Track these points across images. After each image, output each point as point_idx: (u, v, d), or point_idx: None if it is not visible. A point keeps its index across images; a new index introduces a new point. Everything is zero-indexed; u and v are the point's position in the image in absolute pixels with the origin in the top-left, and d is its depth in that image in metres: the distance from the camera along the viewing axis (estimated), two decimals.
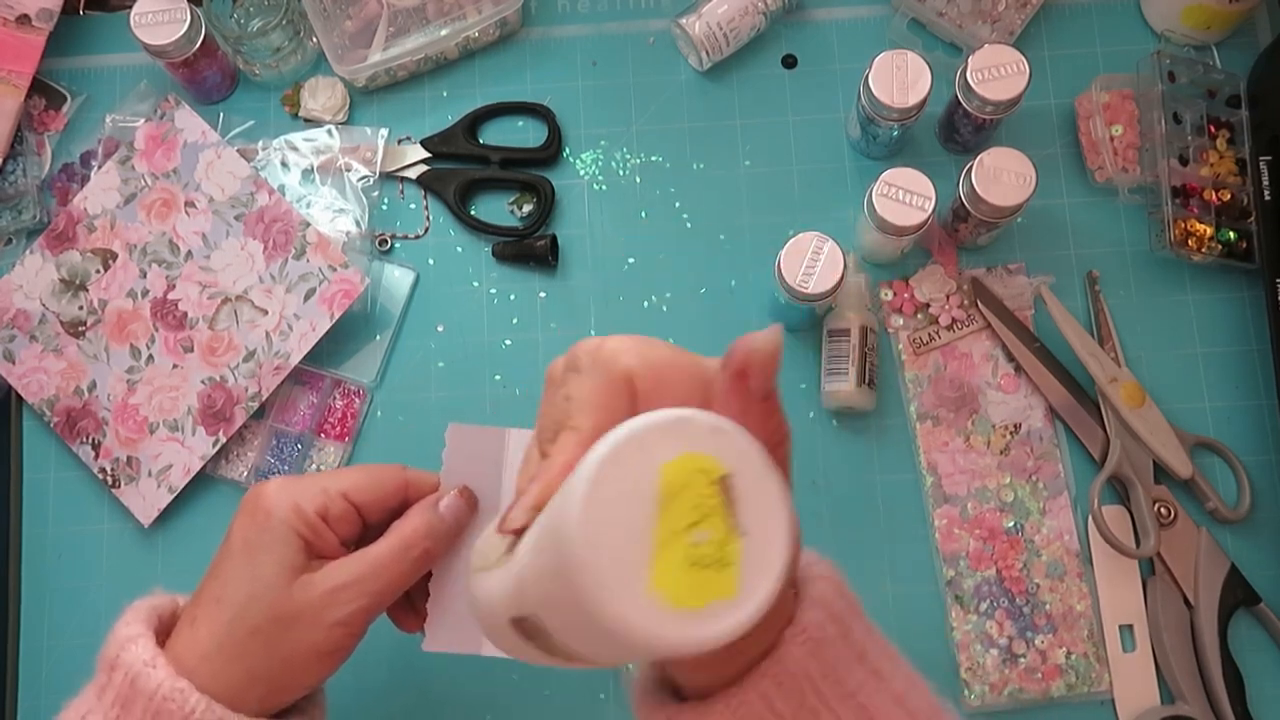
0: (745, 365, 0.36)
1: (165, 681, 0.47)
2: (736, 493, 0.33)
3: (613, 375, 0.37)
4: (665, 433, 0.32)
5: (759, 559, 0.33)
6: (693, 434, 0.33)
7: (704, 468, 0.32)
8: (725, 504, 0.32)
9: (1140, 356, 0.78)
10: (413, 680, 0.73)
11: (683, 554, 0.32)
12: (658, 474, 0.32)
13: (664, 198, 0.81)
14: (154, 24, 0.76)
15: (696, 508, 0.32)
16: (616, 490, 0.31)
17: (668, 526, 0.32)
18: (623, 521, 0.31)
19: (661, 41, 0.84)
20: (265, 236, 0.77)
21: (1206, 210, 0.77)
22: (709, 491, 0.32)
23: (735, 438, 0.33)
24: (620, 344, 0.38)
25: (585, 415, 0.37)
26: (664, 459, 0.32)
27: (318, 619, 0.49)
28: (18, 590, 0.76)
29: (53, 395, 0.77)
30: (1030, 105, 0.79)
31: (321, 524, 0.50)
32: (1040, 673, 0.72)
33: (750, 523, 0.33)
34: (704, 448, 0.33)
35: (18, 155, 0.81)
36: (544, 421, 0.40)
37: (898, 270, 0.79)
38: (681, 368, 0.38)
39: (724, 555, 0.32)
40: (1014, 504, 0.75)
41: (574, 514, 0.31)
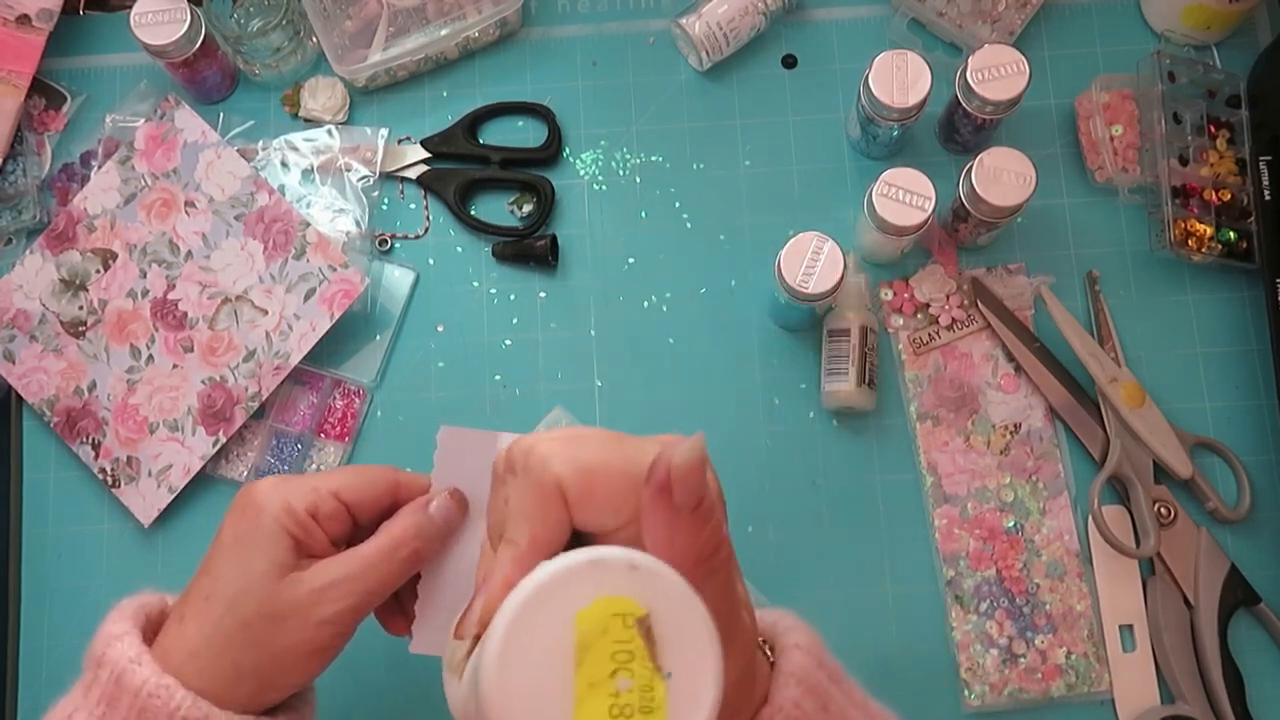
0: (666, 480, 0.35)
1: (150, 678, 0.47)
2: (658, 632, 0.31)
3: (543, 484, 0.37)
4: (577, 577, 0.32)
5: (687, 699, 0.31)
6: (607, 575, 0.32)
7: (622, 610, 0.31)
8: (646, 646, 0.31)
9: (1140, 356, 0.78)
10: (412, 680, 0.73)
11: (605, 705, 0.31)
12: (572, 623, 0.31)
13: (664, 198, 0.81)
14: (154, 24, 0.76)
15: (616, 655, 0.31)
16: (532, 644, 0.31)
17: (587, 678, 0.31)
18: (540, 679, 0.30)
19: (661, 41, 0.84)
20: (265, 236, 0.77)
21: (1206, 210, 0.77)
22: (627, 635, 0.31)
23: (653, 573, 0.32)
24: (550, 449, 0.38)
25: (519, 528, 0.37)
26: (578, 606, 0.31)
27: (306, 616, 0.49)
28: (18, 590, 0.76)
29: (53, 395, 0.77)
30: (1030, 105, 0.79)
31: (312, 522, 0.51)
32: (1040, 673, 0.72)
33: (674, 662, 0.31)
34: (619, 589, 0.32)
35: (18, 155, 0.81)
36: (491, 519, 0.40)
37: (898, 270, 0.79)
38: (613, 469, 0.38)
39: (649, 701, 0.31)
40: (1014, 504, 0.75)
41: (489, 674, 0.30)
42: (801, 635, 0.42)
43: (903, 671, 0.73)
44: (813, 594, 0.74)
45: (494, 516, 0.40)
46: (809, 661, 0.40)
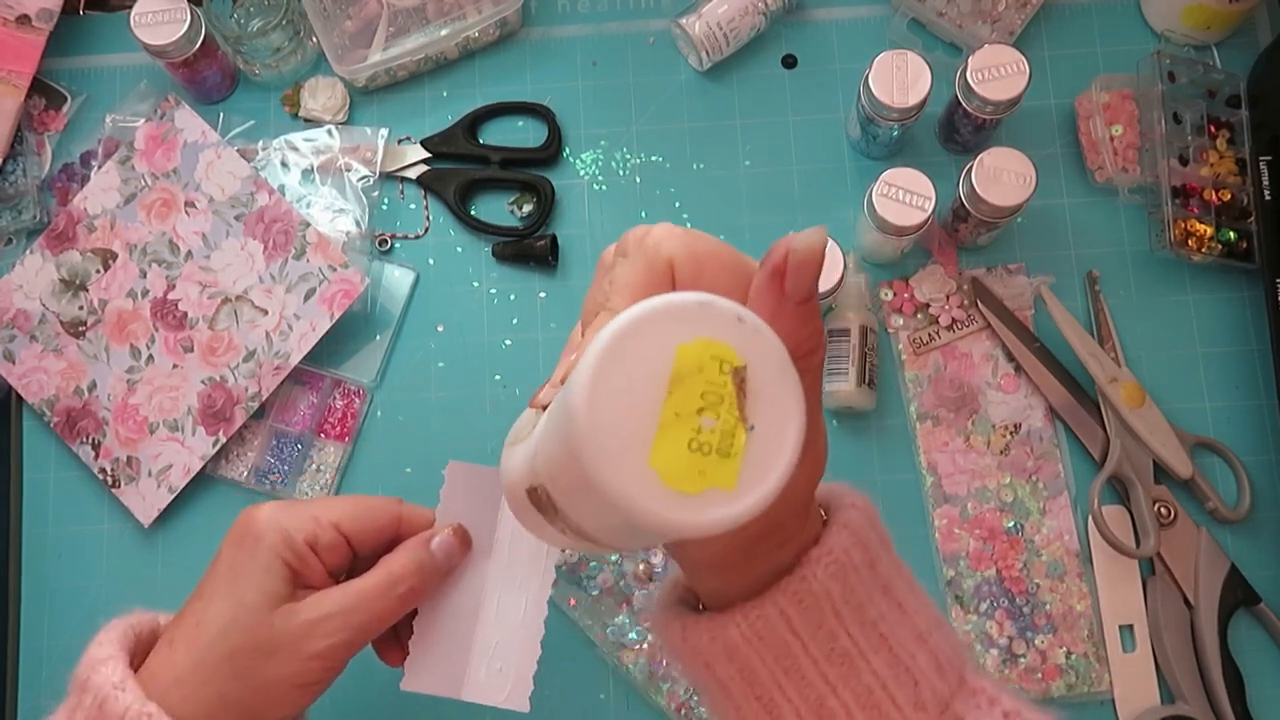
0: (782, 265, 0.35)
1: (133, 705, 0.46)
2: (750, 386, 0.32)
3: (654, 261, 0.37)
4: (686, 314, 0.32)
5: (763, 456, 0.32)
6: (714, 320, 0.32)
7: (720, 355, 0.32)
8: (737, 395, 0.32)
9: (1140, 356, 0.78)
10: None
11: (686, 437, 0.31)
12: (672, 354, 0.31)
13: (664, 198, 0.81)
14: (154, 24, 0.76)
15: (707, 394, 0.31)
16: (628, 363, 0.31)
17: (674, 407, 0.31)
18: (630, 395, 0.31)
19: (661, 41, 0.84)
20: (265, 236, 0.77)
21: (1206, 210, 0.77)
22: (722, 380, 0.31)
23: (757, 331, 0.32)
24: (665, 232, 0.37)
25: (622, 297, 0.36)
26: (681, 340, 0.31)
27: (296, 649, 0.48)
28: (18, 590, 0.76)
29: (53, 395, 0.77)
30: (1030, 105, 0.79)
31: (310, 553, 0.50)
32: (1040, 673, 0.72)
33: (760, 419, 0.32)
34: (723, 336, 0.32)
35: (18, 155, 0.81)
36: (588, 304, 0.40)
37: (898, 270, 0.79)
38: (724, 260, 0.37)
39: (727, 445, 0.31)
40: (1014, 504, 0.75)
41: (583, 380, 0.30)
42: (860, 500, 0.42)
43: None
44: None
45: (591, 302, 0.39)
46: (864, 520, 0.41)
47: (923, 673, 0.39)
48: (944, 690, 0.39)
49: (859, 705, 0.38)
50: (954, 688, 0.39)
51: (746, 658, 0.39)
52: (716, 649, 0.39)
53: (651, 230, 0.38)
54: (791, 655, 0.38)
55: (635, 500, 0.30)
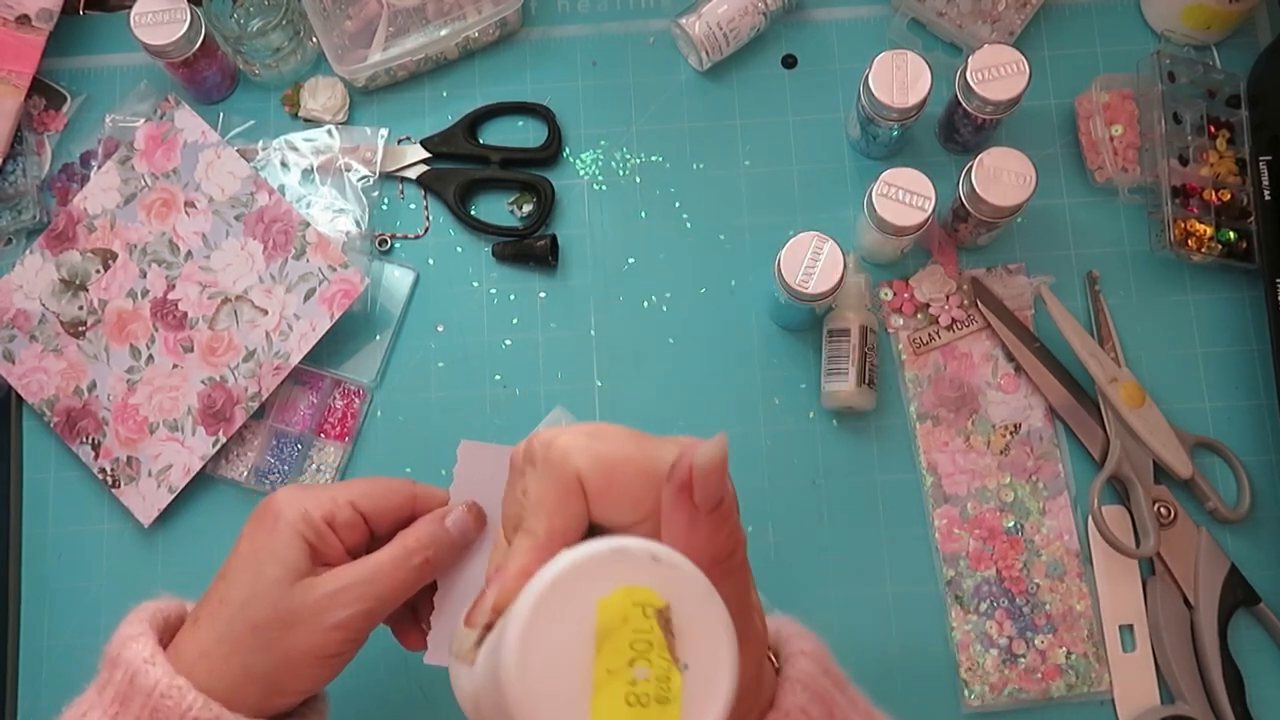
0: (688, 478, 0.35)
1: (163, 679, 0.47)
2: (676, 624, 0.32)
3: (564, 476, 0.37)
4: (600, 566, 0.32)
5: (702, 692, 0.32)
6: (629, 566, 0.32)
7: (641, 600, 0.32)
8: (664, 637, 0.32)
9: (1140, 356, 0.78)
10: (413, 680, 0.73)
11: (622, 693, 0.31)
12: (593, 610, 0.31)
13: (664, 198, 0.81)
14: (154, 24, 0.76)
15: (635, 644, 0.31)
16: (552, 630, 0.31)
17: (605, 665, 0.31)
18: (559, 663, 0.31)
19: (661, 41, 0.84)
20: (265, 236, 0.77)
21: (1206, 210, 0.77)
22: (647, 625, 0.31)
23: (674, 566, 0.32)
24: (571, 442, 0.38)
25: (538, 518, 0.37)
26: (600, 594, 0.31)
27: (317, 621, 0.49)
28: (18, 590, 0.76)
29: (53, 395, 0.77)
30: (1030, 105, 0.79)
31: (328, 530, 0.51)
32: (1040, 673, 0.72)
33: (692, 655, 0.32)
34: (641, 579, 0.32)
35: (18, 155, 0.81)
36: (507, 510, 0.40)
37: (898, 270, 0.79)
38: (634, 465, 0.38)
39: (664, 691, 0.31)
40: (1014, 504, 0.75)
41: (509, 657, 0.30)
42: (807, 643, 0.42)
43: (903, 671, 0.73)
44: (813, 594, 0.75)
45: (510, 509, 0.40)
46: (815, 668, 0.41)
47: None
48: None
49: None
50: None
51: None
52: None
53: (557, 440, 0.38)
54: None
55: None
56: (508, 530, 0.40)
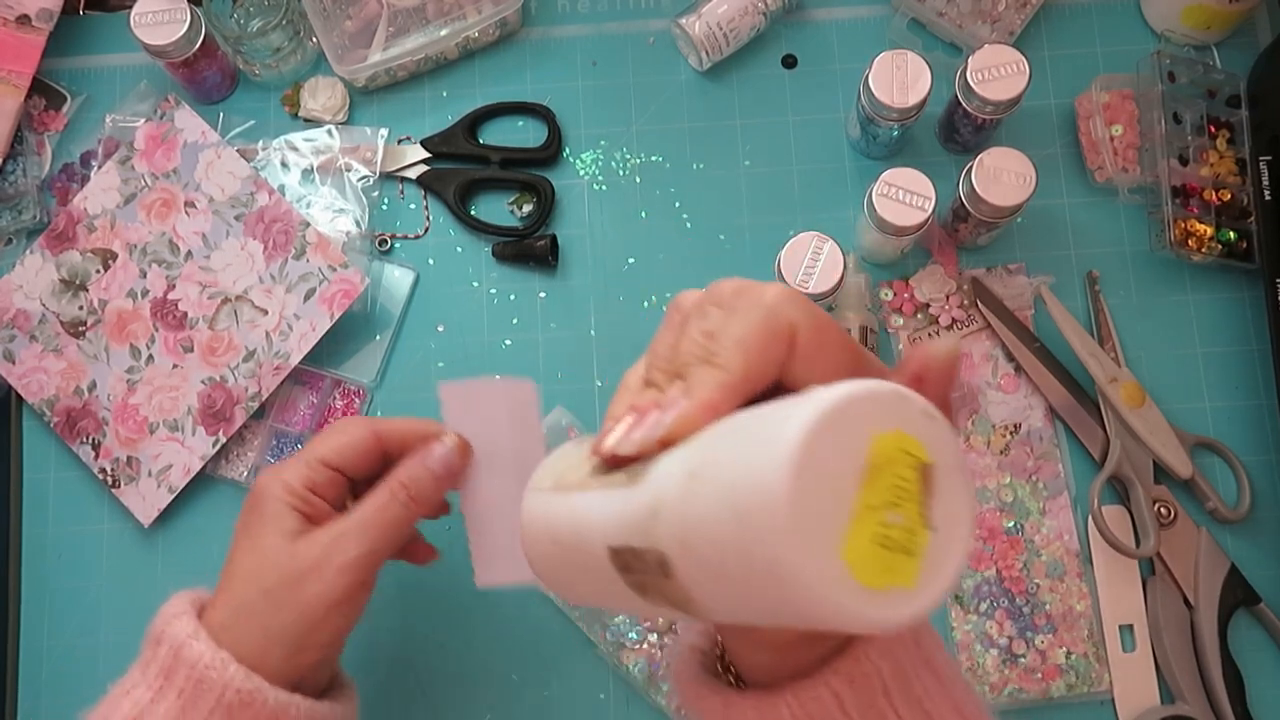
0: (923, 371, 0.35)
1: (206, 652, 0.50)
2: (934, 484, 0.31)
3: (776, 323, 0.35)
4: (883, 405, 0.31)
5: (940, 556, 0.31)
6: (907, 413, 0.31)
7: (911, 450, 0.31)
8: (923, 492, 0.31)
9: (1140, 356, 0.78)
10: (413, 680, 0.73)
11: (874, 531, 0.30)
12: (869, 444, 0.30)
13: (664, 198, 0.81)
14: (154, 24, 0.76)
15: (896, 489, 0.31)
16: (831, 446, 0.30)
17: (868, 498, 0.30)
18: (829, 479, 0.30)
19: (661, 41, 0.84)
20: (265, 236, 0.77)
21: (1206, 210, 0.77)
22: (911, 475, 0.31)
23: (943, 429, 0.32)
24: (785, 292, 0.36)
25: (736, 356, 0.34)
26: (877, 430, 0.31)
27: (323, 569, 0.52)
28: (18, 590, 0.76)
29: (53, 395, 0.77)
30: (1030, 105, 0.79)
31: (312, 495, 0.54)
32: (1040, 673, 0.72)
33: (940, 518, 0.31)
34: (915, 431, 0.31)
35: (18, 155, 0.81)
36: (661, 350, 0.38)
37: (898, 270, 0.79)
38: (843, 339, 0.36)
39: (911, 544, 0.31)
40: (1014, 504, 0.75)
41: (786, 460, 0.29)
42: None
43: None
44: None
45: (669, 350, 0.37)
46: None
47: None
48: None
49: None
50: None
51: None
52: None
53: (767, 288, 0.36)
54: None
55: (824, 592, 0.29)
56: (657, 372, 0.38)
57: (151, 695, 0.50)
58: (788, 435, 0.29)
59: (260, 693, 0.50)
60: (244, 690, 0.49)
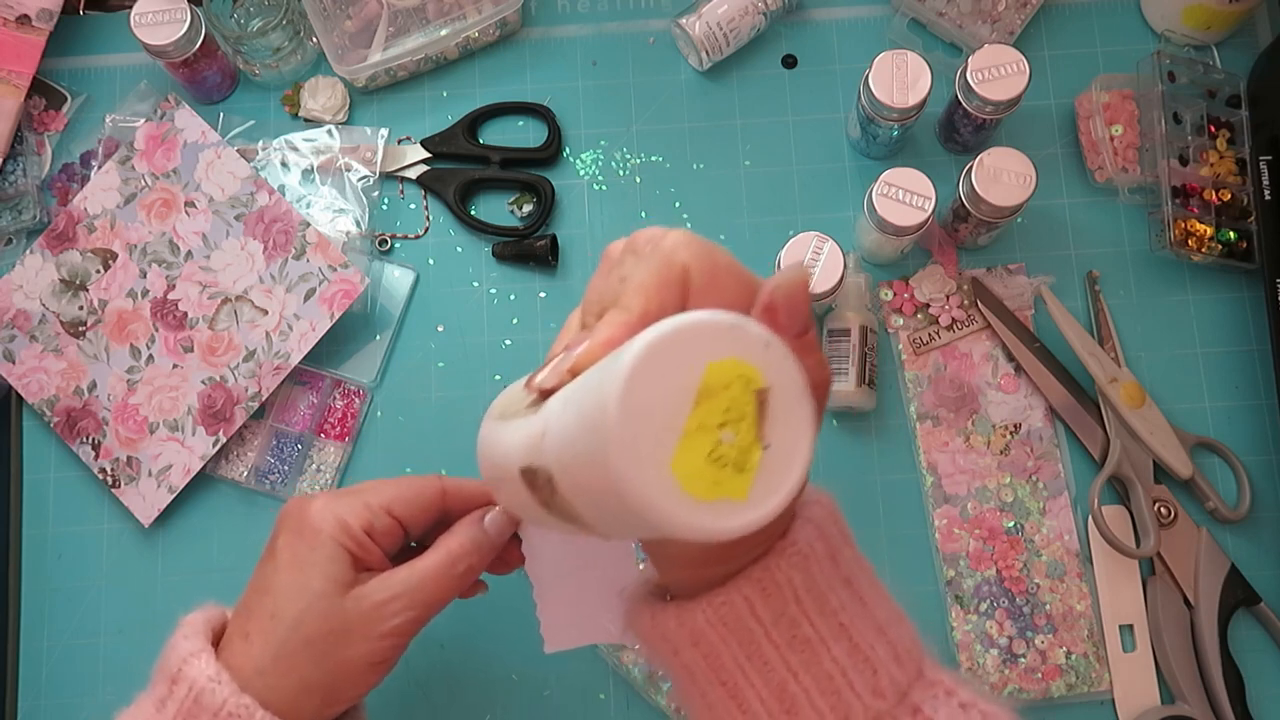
0: (770, 302, 0.37)
1: (230, 698, 0.48)
2: (770, 407, 0.34)
3: (669, 265, 0.38)
4: (720, 333, 0.33)
5: (774, 474, 0.34)
6: (744, 341, 0.34)
7: (746, 375, 0.33)
8: (757, 414, 0.33)
9: (1140, 356, 0.78)
10: (412, 680, 0.73)
11: (707, 447, 0.33)
12: (703, 369, 0.33)
13: (664, 198, 0.81)
14: (154, 24, 0.76)
15: (730, 410, 0.33)
16: (663, 371, 0.32)
17: (699, 419, 0.33)
18: (661, 400, 0.32)
19: (661, 41, 0.84)
20: (265, 236, 0.77)
21: (1206, 210, 0.77)
22: (745, 398, 0.33)
23: (783, 357, 0.34)
24: (683, 238, 0.39)
25: (637, 298, 0.38)
26: (712, 357, 0.33)
27: (369, 630, 0.50)
28: (18, 590, 0.76)
29: (53, 395, 0.77)
30: (1030, 105, 0.79)
31: (368, 539, 0.52)
32: (1040, 673, 0.72)
33: (775, 439, 0.34)
34: (751, 357, 0.34)
35: (18, 155, 0.81)
36: (592, 295, 0.41)
37: (898, 270, 0.79)
38: (736, 275, 0.39)
39: (744, 460, 0.33)
40: (1014, 504, 0.75)
41: (619, 380, 0.32)
42: (824, 498, 0.44)
43: None
44: None
45: (595, 295, 0.41)
46: (827, 516, 0.42)
47: (881, 662, 0.40)
48: (902, 679, 0.40)
49: (819, 690, 0.40)
50: (912, 678, 0.41)
51: (712, 643, 0.40)
52: (683, 635, 0.41)
53: (668, 234, 0.39)
54: (755, 641, 0.40)
55: (653, 499, 0.32)
56: (589, 314, 0.41)
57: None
58: (623, 359, 0.32)
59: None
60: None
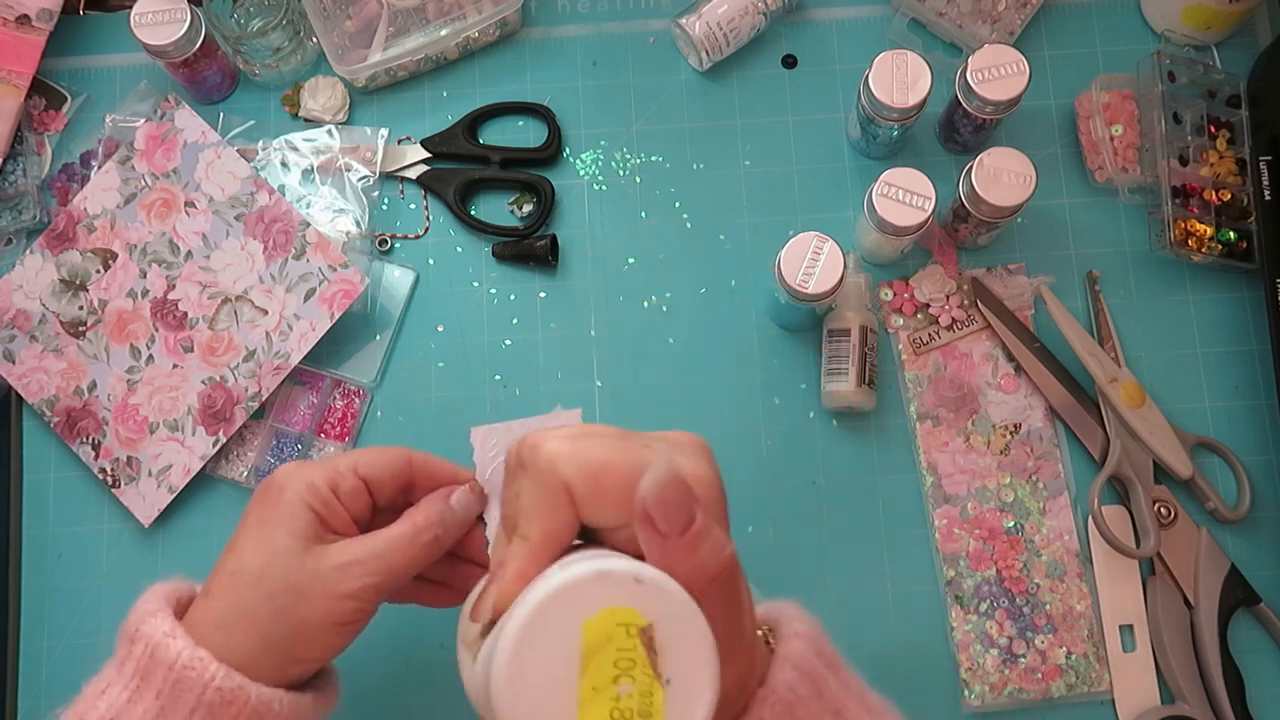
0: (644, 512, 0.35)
1: (184, 651, 0.48)
2: (659, 642, 0.33)
3: (552, 484, 0.38)
4: (585, 588, 0.33)
5: (684, 705, 0.33)
6: (613, 588, 0.33)
7: (625, 620, 0.33)
8: (648, 655, 0.33)
9: (1140, 356, 0.78)
10: (412, 680, 0.73)
11: (607, 709, 0.32)
12: (579, 631, 0.33)
13: (664, 198, 0.81)
14: (154, 24, 0.76)
15: (619, 661, 0.33)
16: (539, 650, 0.32)
17: (590, 683, 0.32)
18: (546, 682, 0.32)
19: (661, 41, 0.84)
20: (265, 236, 0.77)
21: (1206, 210, 0.77)
22: (630, 644, 0.33)
23: (657, 586, 0.34)
24: (557, 448, 0.39)
25: (531, 524, 0.39)
26: (585, 615, 0.33)
27: (330, 589, 0.51)
28: (18, 590, 0.76)
29: (53, 395, 0.77)
30: (1030, 105, 0.79)
31: (333, 498, 0.53)
32: (1040, 673, 0.72)
33: (674, 670, 0.33)
34: (624, 600, 0.33)
35: (18, 155, 0.81)
36: (504, 510, 0.42)
37: (898, 270, 0.79)
38: (619, 470, 0.38)
39: (647, 707, 0.33)
40: (1014, 504, 0.75)
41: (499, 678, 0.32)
42: (802, 625, 0.43)
43: (902, 671, 0.73)
44: (813, 594, 0.74)
45: (506, 509, 0.42)
46: (807, 649, 0.41)
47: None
48: None
49: None
50: None
51: None
52: None
53: (543, 446, 0.39)
54: None
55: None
56: (506, 528, 0.41)
57: (129, 695, 0.49)
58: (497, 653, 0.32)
59: (242, 690, 0.48)
60: (225, 688, 0.48)
